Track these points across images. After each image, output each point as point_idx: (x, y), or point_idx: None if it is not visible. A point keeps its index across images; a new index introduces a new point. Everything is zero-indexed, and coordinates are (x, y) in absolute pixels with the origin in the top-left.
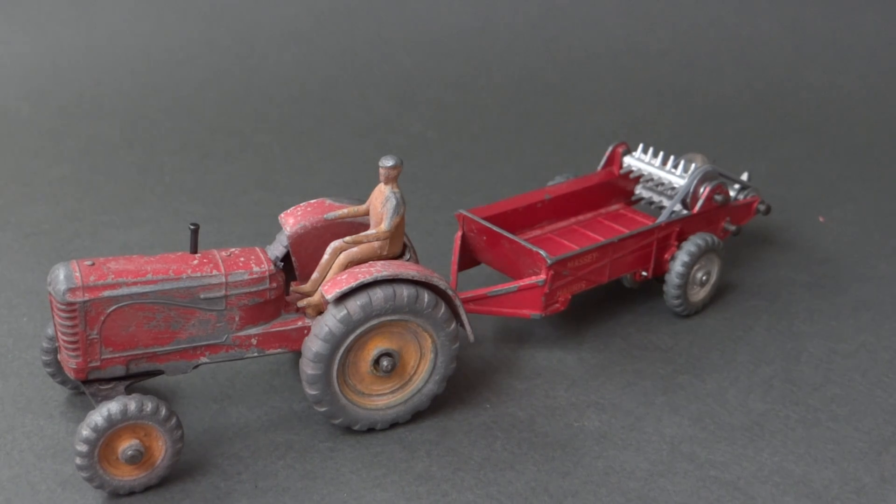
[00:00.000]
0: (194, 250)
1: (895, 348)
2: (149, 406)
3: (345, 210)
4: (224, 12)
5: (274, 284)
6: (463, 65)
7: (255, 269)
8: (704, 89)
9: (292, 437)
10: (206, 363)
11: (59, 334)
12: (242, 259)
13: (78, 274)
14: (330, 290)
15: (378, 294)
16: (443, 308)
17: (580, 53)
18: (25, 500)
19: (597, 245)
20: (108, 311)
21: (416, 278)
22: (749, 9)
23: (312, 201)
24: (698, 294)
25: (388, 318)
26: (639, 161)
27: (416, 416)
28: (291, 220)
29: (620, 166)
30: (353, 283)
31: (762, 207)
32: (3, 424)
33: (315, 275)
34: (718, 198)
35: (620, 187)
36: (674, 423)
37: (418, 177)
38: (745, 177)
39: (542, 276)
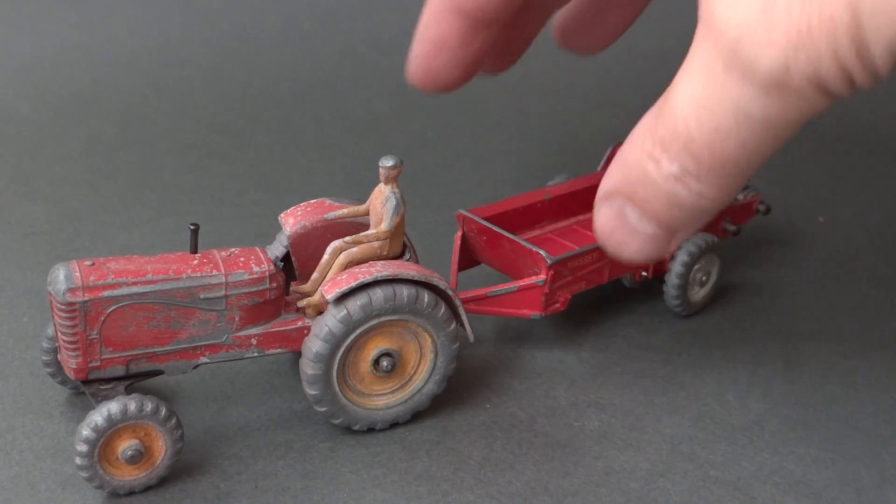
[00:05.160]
0: (194, 250)
1: (895, 348)
2: (149, 406)
3: (345, 210)
4: (224, 12)
5: (274, 284)
6: None
7: (255, 269)
8: None
9: (292, 437)
10: (206, 363)
11: (59, 334)
12: (242, 259)
13: (78, 274)
14: (330, 290)
15: (378, 294)
16: (443, 308)
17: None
18: (25, 500)
19: (597, 245)
20: (108, 311)
21: (416, 278)
22: None
23: (312, 201)
24: (698, 294)
25: (388, 318)
26: None
27: (416, 416)
28: (291, 220)
29: None
30: (353, 283)
31: (762, 207)
32: (3, 424)
33: (315, 275)
34: None
35: None
36: (674, 423)
37: (418, 177)
38: None
39: (542, 276)
